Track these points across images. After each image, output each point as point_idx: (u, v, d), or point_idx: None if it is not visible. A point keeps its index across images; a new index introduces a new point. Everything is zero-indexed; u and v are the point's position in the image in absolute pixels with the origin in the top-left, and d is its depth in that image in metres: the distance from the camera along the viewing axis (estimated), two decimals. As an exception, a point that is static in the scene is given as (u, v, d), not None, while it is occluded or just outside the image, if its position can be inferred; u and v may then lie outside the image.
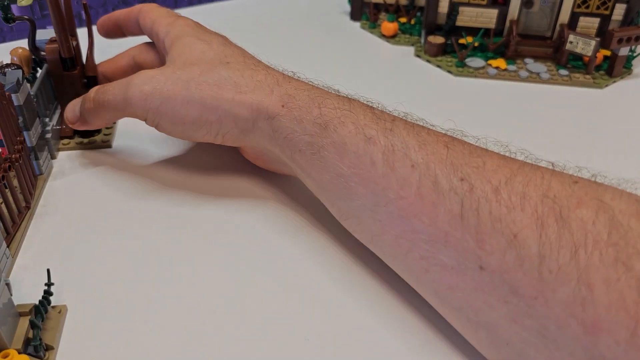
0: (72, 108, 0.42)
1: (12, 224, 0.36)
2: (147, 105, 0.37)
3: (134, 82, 0.38)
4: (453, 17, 0.62)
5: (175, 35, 0.41)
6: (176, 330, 0.31)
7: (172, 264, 0.36)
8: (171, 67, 0.38)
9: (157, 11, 0.46)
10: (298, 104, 0.34)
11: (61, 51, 0.44)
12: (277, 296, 0.34)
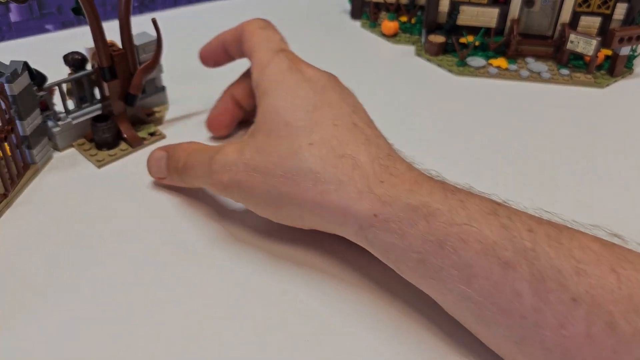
0: (157, 164, 0.40)
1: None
2: (228, 194, 0.35)
3: (214, 168, 0.35)
4: (454, 16, 0.62)
5: (262, 91, 0.36)
6: (173, 331, 0.31)
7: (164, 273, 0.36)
8: (252, 146, 0.33)
9: (256, 38, 0.40)
10: (396, 215, 0.29)
11: (98, 59, 0.43)
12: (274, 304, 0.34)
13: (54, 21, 0.69)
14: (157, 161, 0.40)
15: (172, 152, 0.39)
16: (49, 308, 0.33)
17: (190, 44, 0.69)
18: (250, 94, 0.43)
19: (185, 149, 0.38)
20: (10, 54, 0.65)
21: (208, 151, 0.36)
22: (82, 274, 0.35)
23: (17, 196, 0.40)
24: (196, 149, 0.38)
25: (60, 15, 0.69)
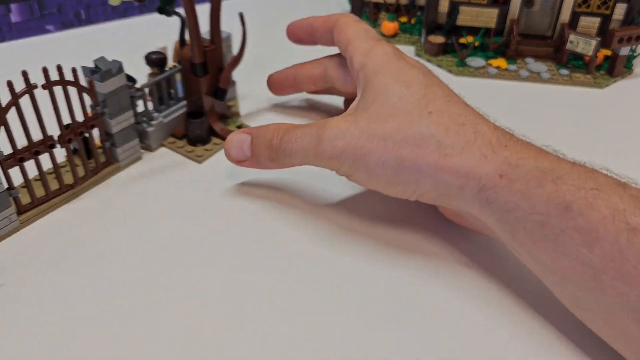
0: (238, 145, 0.39)
1: (44, 195, 0.39)
2: (340, 161, 0.35)
3: (326, 136, 0.35)
4: (453, 17, 0.62)
5: (371, 71, 0.37)
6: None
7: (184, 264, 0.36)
8: (365, 117, 0.35)
9: (353, 29, 0.41)
10: (523, 176, 0.29)
11: (192, 56, 0.43)
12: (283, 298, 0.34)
13: (55, 21, 0.70)
14: (239, 143, 0.39)
15: (258, 132, 0.39)
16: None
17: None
18: (309, 81, 0.48)
19: (275, 127, 0.38)
20: (11, 54, 0.65)
21: (309, 125, 0.37)
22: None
23: (86, 190, 0.41)
24: (291, 125, 0.38)
25: (60, 15, 0.69)
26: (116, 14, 0.72)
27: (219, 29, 0.44)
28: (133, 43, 0.67)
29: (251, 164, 0.39)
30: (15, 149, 0.36)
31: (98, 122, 0.40)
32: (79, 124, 0.39)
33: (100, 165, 0.42)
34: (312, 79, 0.48)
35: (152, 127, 0.44)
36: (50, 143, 0.38)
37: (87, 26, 0.72)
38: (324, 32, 0.44)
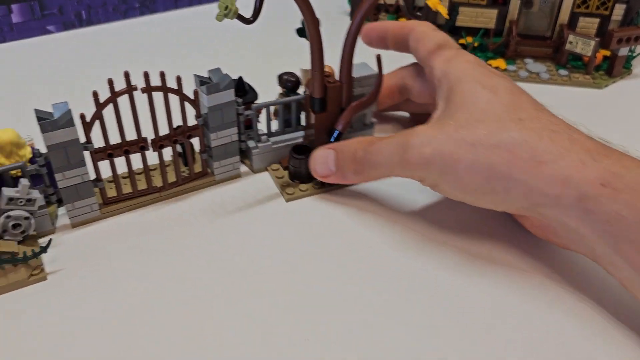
0: (323, 160, 0.39)
1: (131, 192, 0.40)
2: (428, 169, 0.34)
3: (413, 143, 0.34)
4: (453, 17, 0.62)
5: (455, 78, 0.36)
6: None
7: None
8: (452, 123, 0.33)
9: (432, 38, 0.40)
10: (629, 185, 0.28)
11: (311, 88, 0.40)
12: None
13: (56, 22, 0.70)
14: (324, 158, 0.39)
15: (342, 147, 0.38)
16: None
17: (195, 45, 0.69)
18: (386, 94, 0.46)
19: (359, 140, 0.38)
20: (12, 54, 0.65)
21: (393, 135, 0.36)
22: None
23: (175, 196, 0.41)
24: (375, 138, 0.37)
25: (61, 16, 0.70)
26: (117, 14, 0.73)
27: (350, 66, 0.40)
28: (133, 44, 0.68)
29: (336, 178, 0.39)
30: (107, 144, 0.37)
31: (198, 133, 0.40)
32: (176, 132, 0.39)
33: (193, 174, 0.42)
34: (389, 91, 0.46)
35: (258, 149, 0.43)
36: (142, 145, 0.38)
37: (88, 27, 0.72)
38: (399, 38, 0.43)
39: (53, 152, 0.34)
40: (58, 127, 0.34)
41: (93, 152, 0.37)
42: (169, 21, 0.75)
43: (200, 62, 0.48)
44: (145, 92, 0.37)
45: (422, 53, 0.40)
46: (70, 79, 0.59)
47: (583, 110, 0.55)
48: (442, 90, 0.37)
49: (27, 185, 0.34)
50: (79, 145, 0.35)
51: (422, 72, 0.42)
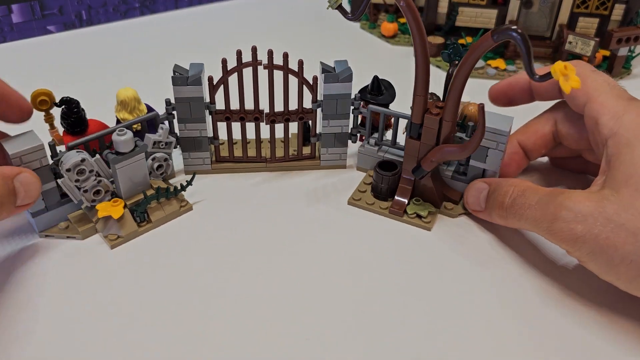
0: (476, 194, 0.37)
1: (240, 157, 0.44)
2: (576, 247, 0.30)
3: (564, 214, 0.30)
4: (453, 17, 0.62)
5: (624, 142, 0.31)
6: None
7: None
8: (614, 201, 0.30)
9: (593, 81, 0.35)
10: None
11: (412, 111, 0.38)
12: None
13: (56, 22, 0.70)
14: (477, 191, 0.37)
15: (496, 185, 0.36)
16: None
17: (195, 45, 0.69)
18: (543, 144, 0.40)
19: (512, 183, 0.35)
20: (12, 54, 0.65)
21: (548, 192, 0.32)
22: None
23: (280, 170, 0.44)
24: (530, 187, 0.34)
25: (61, 16, 0.70)
26: (117, 15, 0.73)
27: (456, 105, 0.36)
28: (134, 44, 0.68)
29: (484, 216, 0.37)
30: (227, 108, 0.41)
31: (311, 117, 0.42)
32: (289, 111, 0.42)
33: (301, 155, 0.44)
34: (544, 140, 0.40)
35: (363, 149, 0.44)
36: (256, 116, 0.41)
37: (88, 27, 0.72)
38: (548, 85, 0.38)
39: (179, 105, 0.39)
40: (187, 84, 0.38)
41: (214, 113, 0.41)
42: (169, 21, 0.75)
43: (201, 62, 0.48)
44: (267, 69, 0.39)
45: (580, 101, 0.35)
46: (70, 79, 0.59)
47: (582, 110, 0.55)
48: (607, 153, 0.32)
49: (167, 130, 0.39)
50: (202, 103, 0.39)
51: (578, 115, 0.37)
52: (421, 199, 0.40)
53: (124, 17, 0.75)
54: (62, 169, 0.34)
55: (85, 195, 0.36)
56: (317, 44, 0.68)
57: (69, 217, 0.37)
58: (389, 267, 0.35)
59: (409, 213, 0.39)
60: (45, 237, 0.37)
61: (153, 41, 0.69)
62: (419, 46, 0.35)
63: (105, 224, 0.37)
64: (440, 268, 0.35)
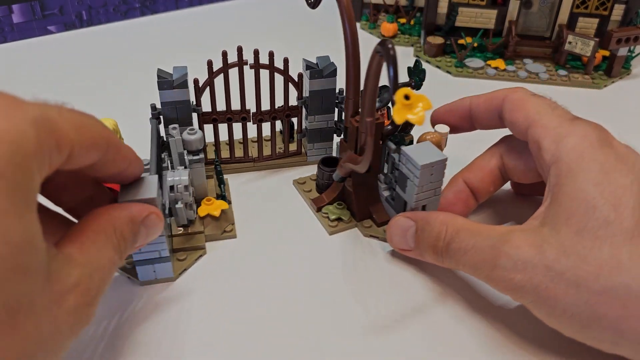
0: (401, 233, 0.34)
1: (228, 158, 0.44)
2: (517, 296, 0.28)
3: (503, 262, 0.28)
4: (452, 18, 0.62)
5: (566, 170, 0.28)
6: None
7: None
8: (555, 244, 0.27)
9: (534, 105, 0.33)
10: None
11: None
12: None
13: (56, 22, 0.70)
14: (402, 231, 0.33)
15: (424, 223, 0.33)
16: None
17: (195, 45, 0.69)
18: (490, 182, 0.37)
19: (443, 222, 0.32)
20: (13, 55, 0.65)
21: (485, 235, 0.30)
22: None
23: (268, 169, 0.45)
24: (464, 228, 0.31)
25: (62, 16, 0.70)
26: (117, 15, 0.73)
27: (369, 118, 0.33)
28: (134, 44, 0.68)
29: (415, 255, 0.34)
30: (213, 110, 0.41)
31: (297, 114, 0.43)
32: (275, 109, 0.42)
33: (287, 152, 0.45)
34: (492, 177, 0.37)
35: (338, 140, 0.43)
36: (243, 116, 0.42)
37: (89, 27, 0.72)
38: (488, 113, 0.36)
39: (166, 108, 0.38)
40: (173, 87, 0.38)
41: (200, 115, 0.41)
42: (169, 21, 0.75)
43: (201, 63, 0.48)
44: (254, 69, 0.40)
45: (522, 125, 0.33)
46: (70, 79, 0.59)
47: (582, 111, 0.54)
48: (550, 181, 0.30)
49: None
50: (189, 106, 0.39)
51: (523, 145, 0.35)
52: (344, 204, 0.40)
53: (124, 17, 0.75)
54: (175, 191, 0.34)
55: (189, 212, 0.36)
56: (317, 44, 0.68)
57: (175, 249, 0.36)
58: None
59: (323, 211, 0.40)
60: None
61: (153, 41, 0.69)
62: (350, 46, 0.34)
63: (215, 225, 0.37)
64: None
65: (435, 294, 0.34)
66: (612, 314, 0.25)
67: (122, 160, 0.27)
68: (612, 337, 0.26)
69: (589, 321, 0.26)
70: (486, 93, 0.36)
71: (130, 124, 0.43)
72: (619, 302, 0.25)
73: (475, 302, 0.33)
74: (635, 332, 0.25)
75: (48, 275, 0.21)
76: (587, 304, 0.26)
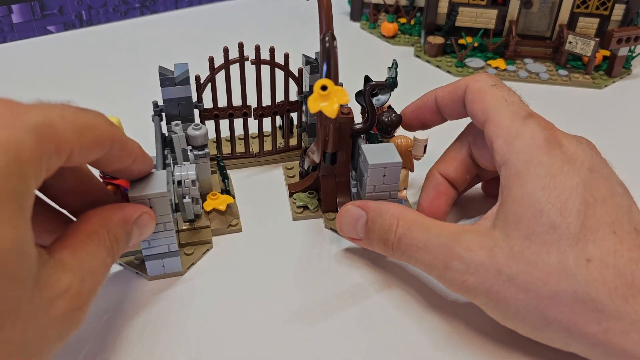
0: (352, 222, 0.33)
1: (229, 153, 0.44)
2: (470, 297, 0.29)
3: (455, 264, 0.28)
4: (453, 18, 0.62)
5: (514, 172, 0.28)
6: None
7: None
8: (505, 247, 0.27)
9: (491, 98, 0.32)
10: None
11: None
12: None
13: (56, 22, 0.70)
14: (352, 220, 0.33)
15: (375, 214, 0.32)
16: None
17: (195, 45, 0.69)
18: (465, 170, 0.37)
19: (394, 215, 0.31)
20: (13, 55, 0.65)
21: (436, 232, 0.30)
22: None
23: (270, 163, 0.45)
24: (415, 222, 0.31)
25: (62, 16, 0.70)
26: (117, 15, 0.73)
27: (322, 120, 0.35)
28: (134, 44, 0.68)
29: (364, 245, 0.34)
30: (215, 106, 0.41)
31: (296, 108, 0.43)
32: (276, 104, 0.42)
33: (288, 146, 0.45)
34: (463, 165, 0.37)
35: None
36: (245, 111, 0.42)
37: (89, 27, 0.72)
38: (453, 103, 0.35)
39: (168, 105, 0.38)
40: (175, 84, 0.38)
41: (202, 111, 0.41)
42: (169, 21, 0.75)
43: (201, 62, 0.48)
44: (254, 64, 0.40)
45: (480, 119, 0.32)
46: (70, 79, 0.59)
47: (582, 111, 0.55)
48: (502, 185, 0.30)
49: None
50: (191, 102, 0.39)
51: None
52: (315, 194, 0.40)
53: (124, 17, 0.74)
54: (183, 186, 0.33)
55: (196, 207, 0.36)
56: (316, 45, 0.68)
57: (182, 244, 0.36)
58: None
59: (293, 197, 0.41)
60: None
61: (153, 41, 0.69)
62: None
63: (220, 219, 0.38)
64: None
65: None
66: (562, 318, 0.26)
67: (127, 157, 0.27)
68: (563, 339, 0.26)
69: (540, 324, 0.26)
70: (450, 83, 0.36)
71: (132, 122, 0.43)
72: (567, 307, 0.25)
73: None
74: (584, 335, 0.25)
75: (37, 281, 0.21)
76: (537, 309, 0.26)
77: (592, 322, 0.25)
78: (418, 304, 0.33)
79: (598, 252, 0.26)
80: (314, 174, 0.41)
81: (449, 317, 0.32)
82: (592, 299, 0.25)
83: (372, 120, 0.36)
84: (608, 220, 0.26)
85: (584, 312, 0.25)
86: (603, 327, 0.25)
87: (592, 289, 0.25)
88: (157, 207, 0.30)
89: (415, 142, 0.38)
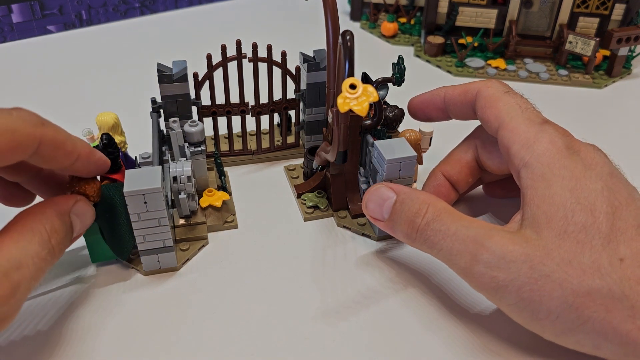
0: (379, 202, 0.32)
1: (227, 151, 0.44)
2: (498, 296, 0.28)
3: (485, 258, 0.27)
4: (453, 17, 0.62)
5: (538, 175, 0.28)
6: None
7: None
8: (539, 246, 0.27)
9: (504, 105, 0.32)
10: None
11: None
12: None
13: (56, 22, 0.70)
14: (380, 199, 0.32)
15: (406, 197, 0.31)
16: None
17: (195, 45, 0.69)
18: (468, 172, 0.37)
19: (425, 201, 0.31)
20: (13, 54, 0.65)
21: (467, 224, 0.29)
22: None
23: (267, 161, 0.45)
24: (446, 209, 0.30)
25: (61, 16, 0.70)
26: (117, 15, 0.73)
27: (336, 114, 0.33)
28: (134, 44, 0.68)
29: (386, 228, 0.32)
30: (213, 103, 0.41)
31: (293, 106, 0.44)
32: (274, 102, 0.43)
33: (285, 144, 0.45)
34: (468, 168, 0.37)
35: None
36: (242, 109, 0.42)
37: (88, 27, 0.72)
38: (462, 106, 0.35)
39: (166, 102, 0.38)
40: (173, 81, 0.38)
41: (200, 108, 0.41)
42: (169, 21, 0.75)
43: (200, 61, 0.48)
44: (252, 62, 0.40)
45: (493, 125, 0.33)
46: (70, 79, 0.59)
47: (582, 110, 0.55)
48: (523, 186, 0.29)
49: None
50: (189, 99, 0.39)
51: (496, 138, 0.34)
52: (324, 193, 0.40)
53: (124, 17, 0.74)
54: (178, 182, 0.34)
55: (192, 203, 0.36)
56: (318, 43, 0.68)
57: (178, 239, 0.36)
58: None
59: (302, 198, 0.40)
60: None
61: (153, 41, 0.69)
62: (331, 37, 0.34)
63: (216, 215, 0.38)
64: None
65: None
66: (596, 317, 0.25)
67: (64, 157, 0.27)
68: (594, 340, 0.26)
69: (573, 324, 0.26)
70: (460, 85, 0.36)
71: (130, 119, 0.43)
72: (602, 305, 0.25)
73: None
74: (617, 334, 0.25)
75: None
76: (572, 307, 0.26)
77: (627, 320, 0.25)
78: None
79: (629, 251, 0.26)
80: (320, 173, 0.41)
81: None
82: (627, 296, 0.25)
83: (380, 116, 0.36)
84: (634, 223, 0.27)
85: (619, 309, 0.25)
86: (637, 324, 0.25)
87: (627, 287, 0.25)
88: (150, 203, 0.30)
89: (421, 135, 0.39)
